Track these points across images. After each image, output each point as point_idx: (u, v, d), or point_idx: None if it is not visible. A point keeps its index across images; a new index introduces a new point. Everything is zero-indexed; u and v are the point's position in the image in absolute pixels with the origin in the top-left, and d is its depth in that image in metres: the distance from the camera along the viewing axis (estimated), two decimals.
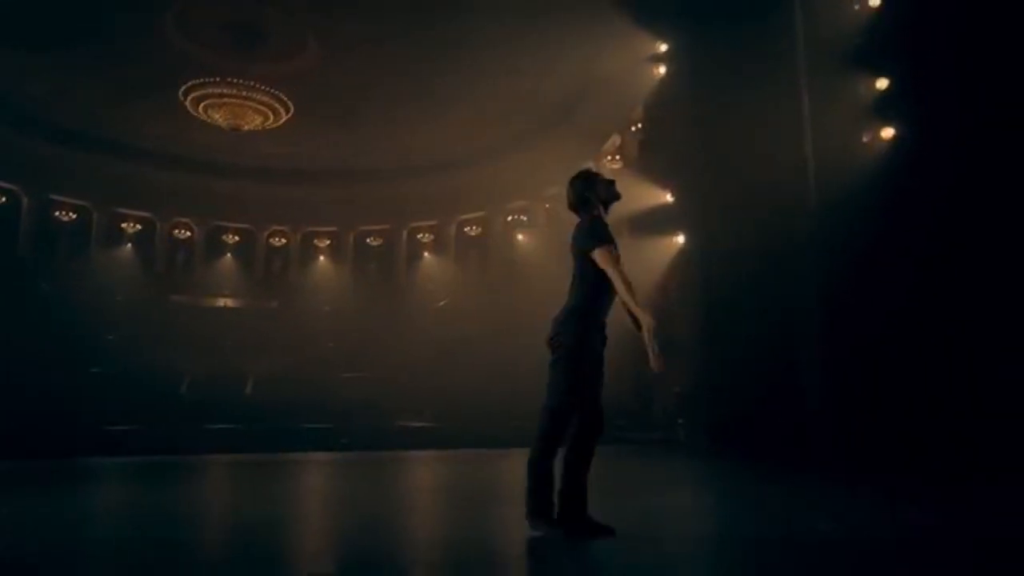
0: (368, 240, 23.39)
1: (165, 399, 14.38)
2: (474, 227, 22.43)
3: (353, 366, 17.93)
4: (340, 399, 15.96)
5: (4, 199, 18.70)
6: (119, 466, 9.66)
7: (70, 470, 8.57)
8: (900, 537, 3.81)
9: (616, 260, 3.74)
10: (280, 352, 18.55)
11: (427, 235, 22.98)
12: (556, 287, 4.28)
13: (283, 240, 23.07)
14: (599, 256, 3.73)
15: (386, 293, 21.96)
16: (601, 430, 3.75)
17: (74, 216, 20.04)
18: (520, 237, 21.02)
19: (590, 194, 3.96)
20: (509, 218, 21.49)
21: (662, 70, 12.78)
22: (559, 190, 19.08)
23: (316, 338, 19.45)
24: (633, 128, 15.11)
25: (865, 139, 7.92)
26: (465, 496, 6.11)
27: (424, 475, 8.10)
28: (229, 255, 22.39)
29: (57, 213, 19.74)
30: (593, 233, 3.81)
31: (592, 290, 3.83)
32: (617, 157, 15.92)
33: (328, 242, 23.18)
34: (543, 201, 20.12)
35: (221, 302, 21.73)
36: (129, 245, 20.90)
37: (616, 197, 4.03)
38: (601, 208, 3.96)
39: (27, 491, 6.40)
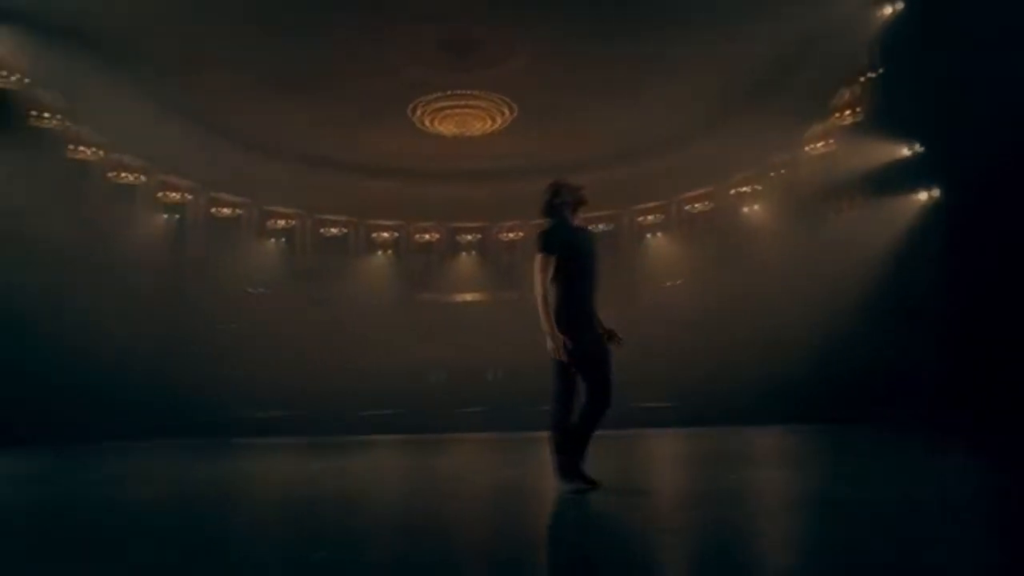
0: (599, 226, 23.77)
1: (418, 387, 16.13)
2: (701, 203, 21.83)
3: None
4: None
5: (288, 222, 22.22)
6: (385, 442, 11.31)
7: (343, 445, 10.35)
8: None
9: (543, 269, 4.11)
10: (519, 340, 19.65)
11: (655, 216, 22.85)
12: (790, 256, 4.44)
13: (518, 234, 24.27)
14: (536, 261, 4.19)
15: (615, 275, 22.17)
16: (609, 403, 4.36)
17: (343, 231, 23.21)
18: (749, 209, 19.95)
19: (557, 200, 4.37)
20: (737, 191, 20.51)
21: (890, 9, 11.49)
22: (787, 155, 17.99)
23: None
24: (862, 79, 13.59)
25: None
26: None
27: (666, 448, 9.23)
28: (471, 253, 24.13)
29: (330, 229, 23.08)
30: (539, 240, 4.25)
31: (561, 289, 4.25)
32: (847, 112, 14.45)
33: None
34: (771, 169, 18.95)
35: (465, 296, 23.57)
36: (382, 252, 23.52)
37: (582, 199, 4.43)
38: (569, 212, 4.34)
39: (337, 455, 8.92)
